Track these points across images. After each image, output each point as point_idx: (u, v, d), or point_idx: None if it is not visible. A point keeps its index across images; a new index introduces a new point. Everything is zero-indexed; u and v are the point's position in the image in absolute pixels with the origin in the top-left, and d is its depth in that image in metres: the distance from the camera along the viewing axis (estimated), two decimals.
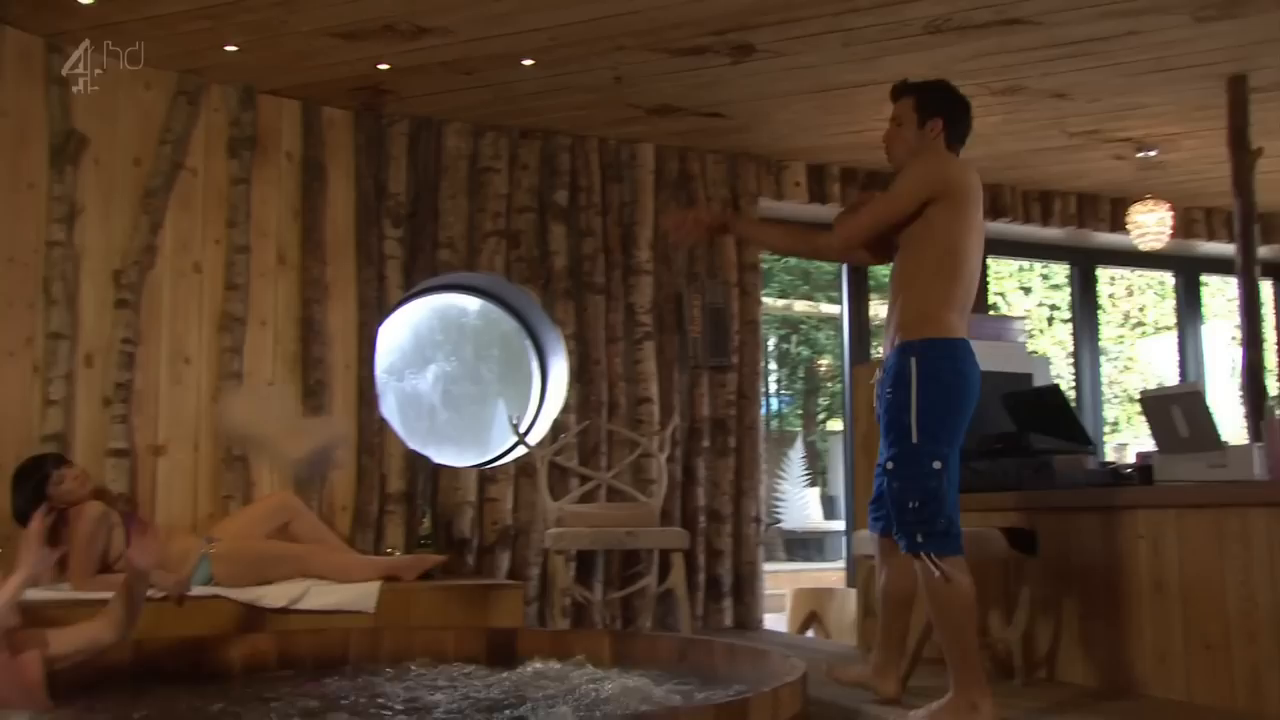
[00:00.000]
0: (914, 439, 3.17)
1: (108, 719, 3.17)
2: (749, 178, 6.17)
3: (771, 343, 17.38)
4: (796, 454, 13.89)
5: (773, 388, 16.83)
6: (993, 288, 10.74)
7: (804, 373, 16.55)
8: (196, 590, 4.23)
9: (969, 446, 4.40)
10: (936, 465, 3.16)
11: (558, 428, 5.66)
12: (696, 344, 5.93)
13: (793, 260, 15.42)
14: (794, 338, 16.42)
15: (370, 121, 5.47)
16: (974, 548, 3.78)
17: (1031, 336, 12.02)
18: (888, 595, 3.52)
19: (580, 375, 5.75)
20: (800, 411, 16.77)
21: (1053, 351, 12.24)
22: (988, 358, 4.62)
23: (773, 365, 17.58)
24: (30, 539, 3.22)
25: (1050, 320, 13.23)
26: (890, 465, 3.23)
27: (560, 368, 5.82)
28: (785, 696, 2.79)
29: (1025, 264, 12.35)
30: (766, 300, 14.62)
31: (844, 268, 6.88)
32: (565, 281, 5.76)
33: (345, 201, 5.41)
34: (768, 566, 8.15)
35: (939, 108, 3.39)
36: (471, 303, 6.04)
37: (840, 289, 7.03)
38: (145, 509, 4.77)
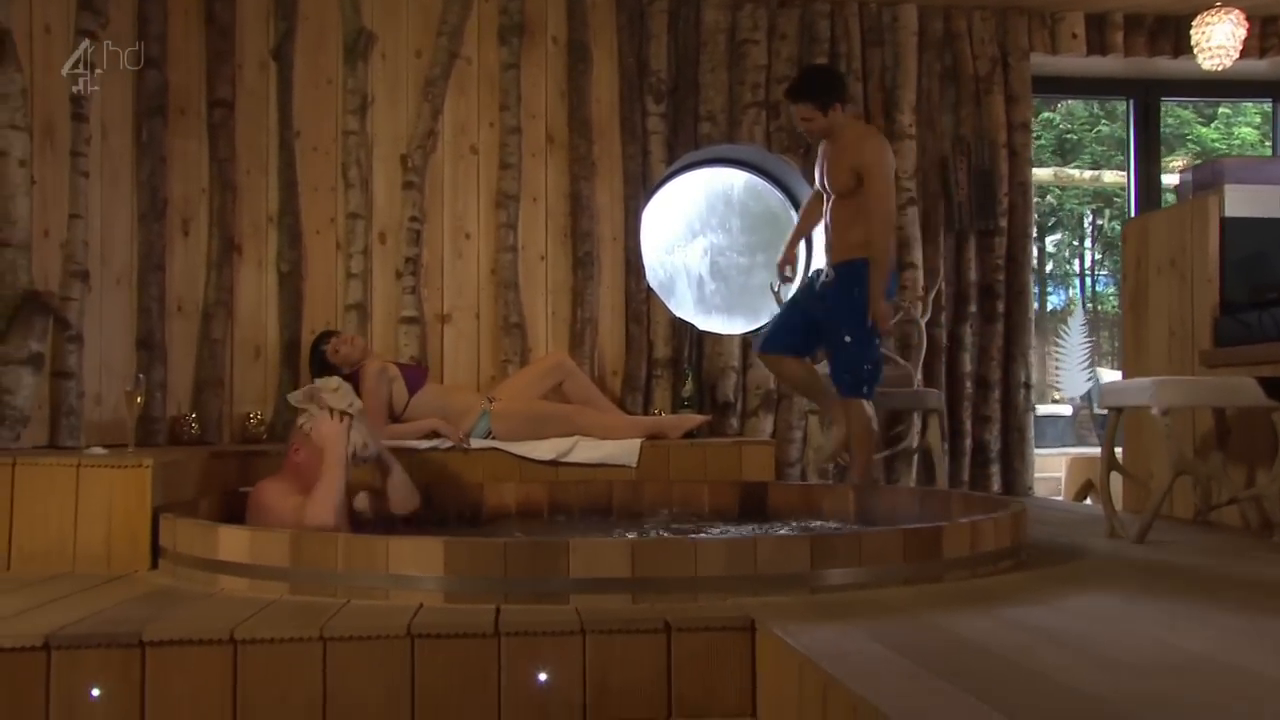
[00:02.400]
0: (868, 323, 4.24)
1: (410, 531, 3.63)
2: (1019, 33, 5.89)
3: (1087, 219, 16.37)
4: (1076, 324, 12.98)
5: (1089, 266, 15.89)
6: None
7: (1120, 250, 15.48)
8: (476, 443, 4.68)
9: (1239, 300, 4.16)
10: (877, 341, 4.34)
11: None
12: (962, 208, 5.79)
13: (1104, 126, 14.37)
14: (1107, 212, 15.33)
15: (631, 1, 5.64)
16: (1225, 396, 3.61)
17: None
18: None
19: None
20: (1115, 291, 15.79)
21: None
22: (1266, 203, 4.30)
23: (1088, 243, 16.58)
24: (333, 440, 3.48)
25: None
26: (848, 340, 4.28)
27: (820, 235, 5.84)
28: (984, 530, 2.80)
29: None
30: (1073, 172, 13.75)
31: (1132, 129, 6.47)
32: None
33: (609, 81, 5.63)
34: (1077, 450, 7.83)
35: (830, 96, 4.28)
36: (737, 178, 6.15)
37: (1129, 151, 6.59)
38: (435, 371, 5.27)
